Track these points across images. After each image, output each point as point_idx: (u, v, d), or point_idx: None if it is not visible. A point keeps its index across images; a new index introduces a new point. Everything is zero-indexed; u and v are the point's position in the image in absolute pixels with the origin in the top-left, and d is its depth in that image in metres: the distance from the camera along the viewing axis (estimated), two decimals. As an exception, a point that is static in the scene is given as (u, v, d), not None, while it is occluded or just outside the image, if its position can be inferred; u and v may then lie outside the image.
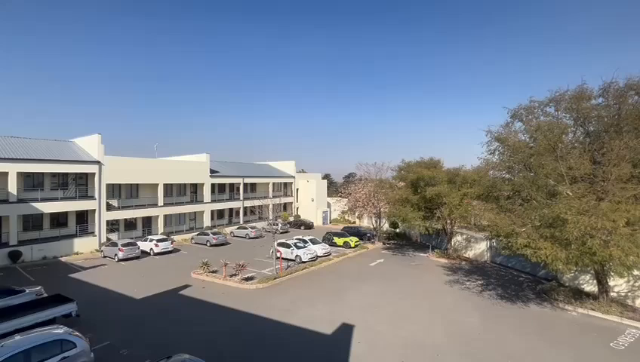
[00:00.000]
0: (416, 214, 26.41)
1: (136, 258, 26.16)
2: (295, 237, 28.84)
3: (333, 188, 69.28)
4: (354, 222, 45.64)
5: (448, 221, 27.24)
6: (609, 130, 15.36)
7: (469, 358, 11.30)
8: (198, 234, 33.85)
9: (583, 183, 14.87)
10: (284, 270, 22.18)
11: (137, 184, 33.84)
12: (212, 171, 40.07)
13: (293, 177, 52.58)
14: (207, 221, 38.56)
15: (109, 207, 30.21)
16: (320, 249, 27.18)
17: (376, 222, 35.07)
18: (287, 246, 26.05)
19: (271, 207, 25.80)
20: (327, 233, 33.40)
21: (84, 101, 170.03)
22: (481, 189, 21.31)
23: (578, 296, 16.74)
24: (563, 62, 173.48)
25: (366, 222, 42.18)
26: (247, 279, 20.17)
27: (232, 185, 43.93)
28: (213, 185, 40.16)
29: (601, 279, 15.95)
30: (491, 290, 18.84)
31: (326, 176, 77.10)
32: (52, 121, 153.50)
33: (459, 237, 28.94)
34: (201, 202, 38.50)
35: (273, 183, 48.98)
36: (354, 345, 12.19)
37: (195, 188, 39.22)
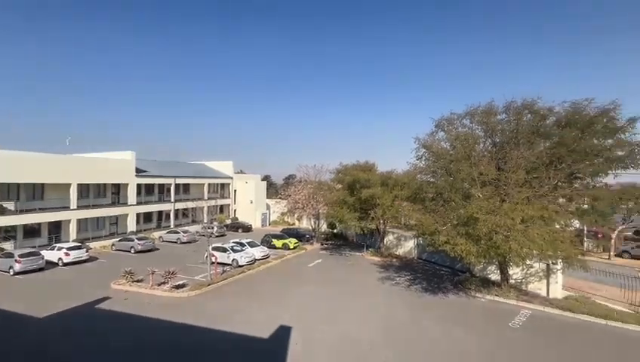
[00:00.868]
0: (352, 215, 27.63)
1: (40, 270, 22.51)
2: (232, 241, 27.85)
3: (273, 190, 68.60)
4: (293, 224, 45.79)
5: (381, 221, 29.03)
6: (510, 142, 18.04)
7: (397, 347, 12.19)
8: (120, 240, 30.46)
9: (490, 187, 17.21)
10: (220, 275, 21.24)
11: (43, 184, 29.11)
12: (139, 170, 36.47)
13: (231, 178, 50.72)
14: (131, 225, 34.93)
15: (3, 211, 25.44)
16: (258, 252, 26.67)
17: (315, 223, 35.73)
18: (224, 250, 25.01)
19: (206, 209, 24.55)
20: (266, 235, 32.94)
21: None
22: (409, 191, 23.19)
23: (486, 284, 19.26)
24: (504, 65, 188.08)
25: (305, 224, 42.65)
26: (178, 287, 18.82)
27: (162, 186, 40.55)
28: (139, 185, 36.56)
29: (503, 269, 18.63)
30: (417, 284, 20.60)
31: (266, 178, 76.03)
32: None
33: (390, 237, 31.03)
34: (125, 204, 34.74)
35: (209, 184, 46.57)
36: (291, 346, 12.23)
37: (118, 189, 35.25)
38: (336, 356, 11.58)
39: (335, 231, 38.47)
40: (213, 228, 35.63)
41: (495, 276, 20.15)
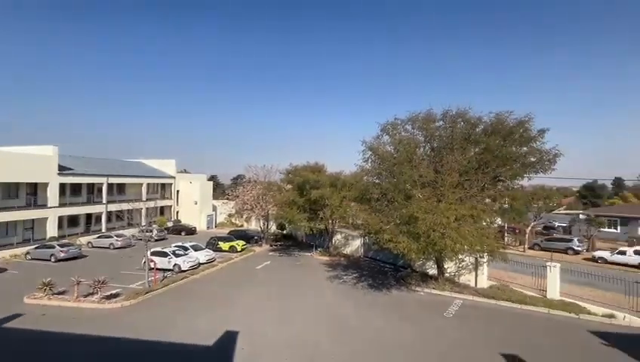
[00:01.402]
0: (301, 215, 27.78)
1: None
2: (174, 245, 26.13)
3: (220, 191, 65.95)
4: (241, 226, 44.53)
5: (330, 221, 29.63)
6: (446, 147, 19.72)
7: (344, 344, 12.54)
8: (37, 248, 26.69)
9: (429, 188, 18.61)
10: (160, 282, 19.78)
11: None
12: (63, 168, 32.36)
13: (174, 178, 47.61)
14: (52, 230, 30.85)
15: None
16: (203, 255, 25.41)
17: (264, 224, 35.13)
18: (164, 254, 23.35)
19: (144, 211, 22.67)
20: (212, 238, 31.54)
21: None
22: (357, 192, 24.01)
23: (425, 278, 20.77)
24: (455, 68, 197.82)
25: (254, 225, 41.75)
26: (110, 297, 17.08)
27: (91, 186, 36.54)
28: (63, 184, 32.45)
29: (439, 264, 20.28)
30: (363, 282, 21.43)
31: (212, 178, 72.77)
32: None
33: (339, 236, 31.83)
34: (44, 206, 30.56)
35: (148, 184, 43.13)
36: (237, 351, 11.86)
37: (35, 189, 30.84)
38: (283, 357, 11.53)
39: (285, 232, 38.28)
40: (152, 231, 33.11)
41: (432, 270, 21.81)
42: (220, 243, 30.43)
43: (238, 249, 29.88)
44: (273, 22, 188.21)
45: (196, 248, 26.30)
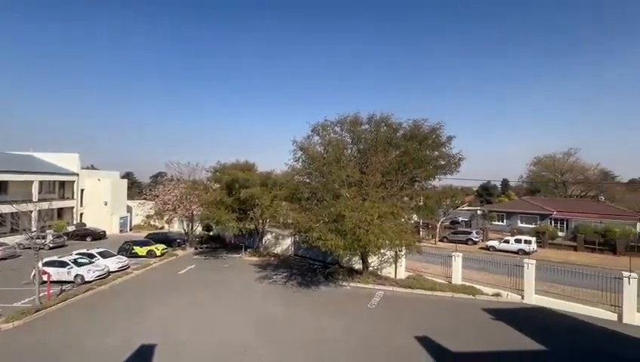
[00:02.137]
0: (230, 216, 26.72)
1: None
2: (76, 252, 22.69)
3: (136, 189, 59.39)
4: (162, 228, 40.80)
5: (260, 221, 29.12)
6: (371, 149, 21.10)
7: (272, 343, 12.46)
8: None
9: (355, 187, 19.68)
10: (57, 296, 16.93)
11: None
12: None
13: (77, 174, 41.14)
14: None
15: None
16: (114, 262, 22.59)
17: (188, 226, 32.75)
18: (63, 264, 20.09)
19: (35, 213, 19.12)
20: (126, 242, 28.21)
21: None
22: (288, 191, 24.11)
23: (351, 273, 21.90)
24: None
25: (177, 227, 38.64)
26: (-16, 320, 13.95)
27: (-43, 184, 29.26)
28: None
29: (364, 258, 21.61)
30: (293, 280, 21.61)
31: (127, 175, 65.11)
32: None
33: (269, 236, 31.48)
34: None
35: (41, 182, 36.42)
36: (154, 366, 10.85)
37: None
38: (208, 366, 10.94)
39: (211, 233, 36.30)
40: (46, 237, 28.11)
41: (358, 265, 23.12)
42: (135, 247, 27.38)
43: (158, 253, 27.32)
44: (198, 20, 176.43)
45: (105, 255, 23.22)
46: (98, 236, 35.97)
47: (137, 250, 27.26)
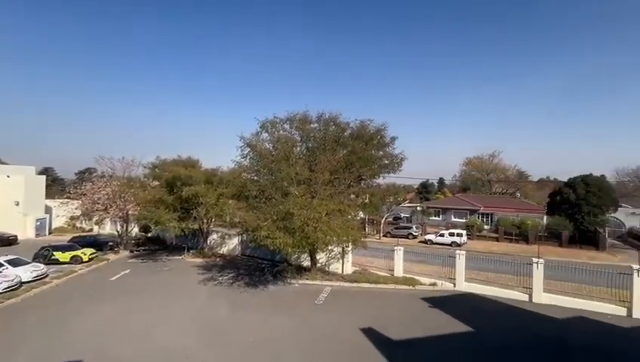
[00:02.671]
0: (171, 215, 25.06)
1: None
2: (-23, 261, 19.28)
3: (58, 187, 52.53)
4: (90, 230, 36.68)
5: (205, 220, 27.76)
6: (319, 148, 21.39)
7: (217, 347, 12.00)
8: None
9: (304, 185, 19.79)
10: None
11: None
12: None
13: (-22, 170, 34.90)
14: None
15: None
16: (27, 271, 19.76)
17: (122, 227, 29.88)
18: (-42, 276, 16.91)
19: None
20: (44, 248, 24.81)
21: None
22: (235, 189, 23.35)
23: (300, 271, 22.01)
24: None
25: (109, 229, 35.06)
26: None
27: None
28: None
29: (312, 255, 21.88)
30: (240, 280, 21.02)
31: (46, 171, 57.24)
32: None
33: (214, 236, 30.17)
34: None
35: None
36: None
37: None
38: (145, 377, 10.15)
39: (149, 234, 33.63)
40: None
41: (307, 262, 23.33)
42: (56, 253, 24.20)
43: (85, 259, 24.49)
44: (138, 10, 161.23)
45: (16, 263, 20.17)
46: (7, 242, 31.06)
47: (59, 255, 24.13)
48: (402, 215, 52.99)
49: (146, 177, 30.33)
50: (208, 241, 29.34)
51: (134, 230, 31.94)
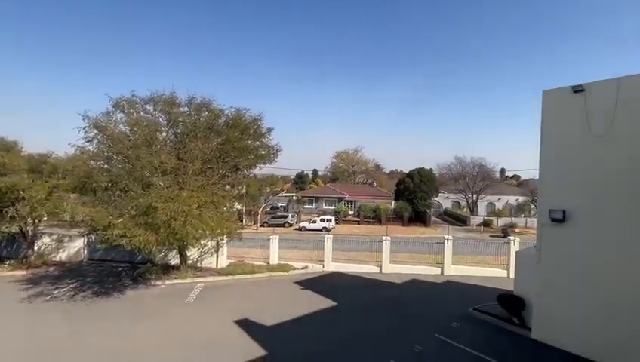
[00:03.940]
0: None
1: None
2: None
3: None
4: None
5: (30, 221, 21.46)
6: (190, 134, 19.52)
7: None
8: None
9: (170, 175, 17.75)
10: None
11: None
12: None
13: None
14: None
15: None
16: None
17: None
18: None
19: None
20: None
21: None
22: (76, 180, 18.85)
23: (167, 270, 19.84)
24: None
25: None
26: None
27: None
28: None
29: (182, 252, 20.05)
30: (86, 291, 17.32)
31: None
32: None
33: (47, 239, 23.77)
34: None
35: None
36: None
37: None
38: None
39: None
40: None
41: (175, 260, 21.25)
42: None
43: None
44: None
45: None
46: None
47: None
48: (279, 204, 54.67)
49: None
50: (36, 247, 22.89)
51: None
